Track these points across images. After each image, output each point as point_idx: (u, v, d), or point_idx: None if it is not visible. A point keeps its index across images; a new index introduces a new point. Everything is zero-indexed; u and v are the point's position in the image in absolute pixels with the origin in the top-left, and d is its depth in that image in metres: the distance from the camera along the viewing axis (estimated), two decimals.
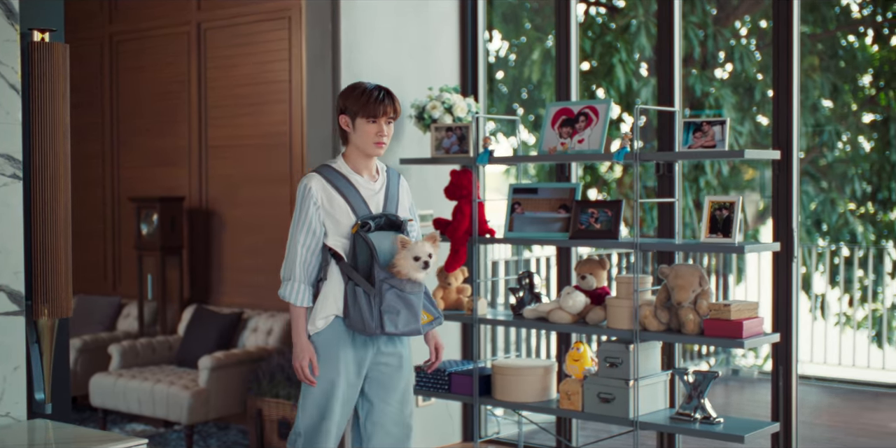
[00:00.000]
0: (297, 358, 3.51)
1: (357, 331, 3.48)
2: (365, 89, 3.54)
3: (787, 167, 4.63)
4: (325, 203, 3.50)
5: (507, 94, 10.18)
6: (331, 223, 3.51)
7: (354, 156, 3.58)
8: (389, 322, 3.44)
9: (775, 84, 4.68)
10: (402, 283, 3.45)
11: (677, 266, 4.38)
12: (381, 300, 3.43)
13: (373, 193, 3.58)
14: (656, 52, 5.07)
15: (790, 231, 4.63)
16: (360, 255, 3.47)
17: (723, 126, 4.33)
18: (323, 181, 3.52)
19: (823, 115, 9.52)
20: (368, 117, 3.50)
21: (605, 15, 9.43)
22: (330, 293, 3.51)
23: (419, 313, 3.51)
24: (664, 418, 4.45)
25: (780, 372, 4.68)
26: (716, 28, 8.81)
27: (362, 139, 3.52)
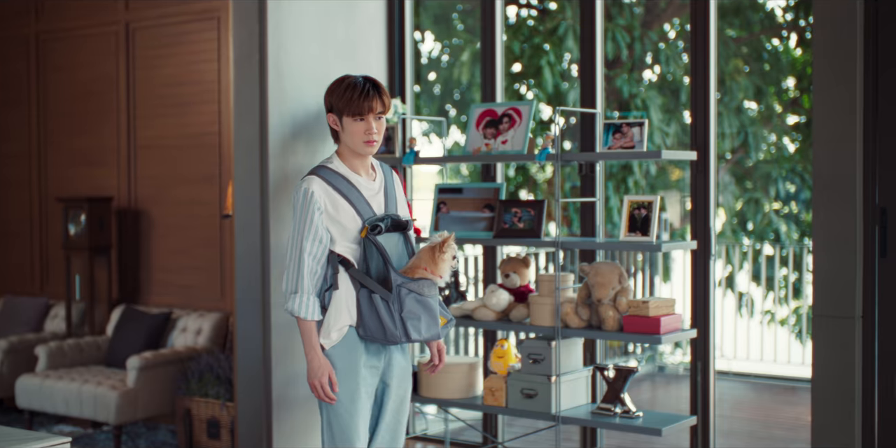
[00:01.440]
0: (315, 375, 3.30)
1: (376, 341, 3.32)
2: (349, 85, 3.31)
3: (705, 168, 4.75)
4: (328, 207, 3.30)
5: (439, 95, 10.25)
6: (336, 229, 3.32)
7: (348, 155, 3.39)
8: (413, 328, 3.28)
9: (693, 86, 4.81)
10: (421, 286, 3.30)
11: (597, 264, 4.48)
12: (401, 306, 3.27)
13: (374, 193, 3.40)
14: (580, 54, 5.17)
15: (707, 230, 4.75)
16: (372, 260, 3.30)
17: (641, 127, 4.45)
18: (324, 184, 3.31)
19: (748, 117, 9.73)
20: (355, 115, 3.29)
21: (536, 17, 9.54)
22: (342, 302, 3.32)
23: (437, 317, 3.36)
24: (586, 413, 4.55)
25: (698, 367, 4.80)
26: (643, 31, 8.97)
27: (352, 139, 3.32)
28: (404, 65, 5.76)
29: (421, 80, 10.08)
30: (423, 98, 10.13)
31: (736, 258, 9.12)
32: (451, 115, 10.00)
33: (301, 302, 3.29)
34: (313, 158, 5.30)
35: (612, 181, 8.63)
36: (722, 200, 10.22)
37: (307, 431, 5.31)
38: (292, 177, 5.22)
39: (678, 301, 7.65)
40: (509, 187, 9.50)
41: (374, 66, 5.67)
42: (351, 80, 3.32)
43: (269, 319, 5.13)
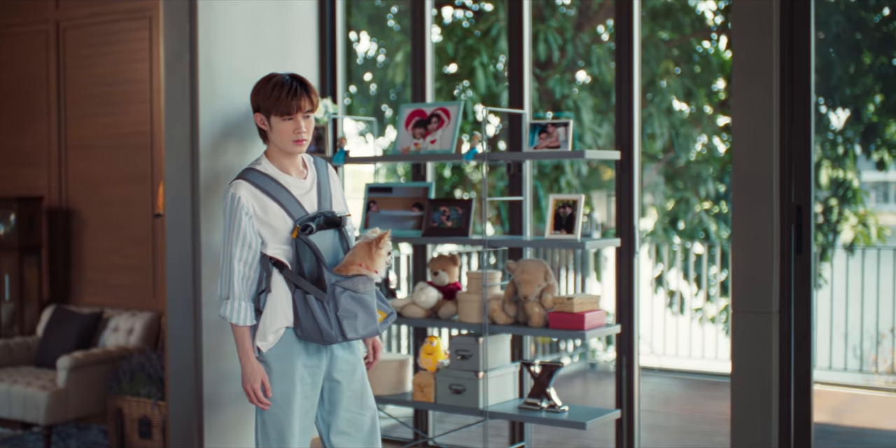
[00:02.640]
0: (248, 380, 3.29)
1: (313, 341, 3.28)
2: (276, 83, 3.27)
3: (629, 167, 4.86)
4: (257, 211, 3.26)
5: (375, 95, 10.30)
6: (267, 232, 3.28)
7: (277, 154, 3.33)
8: (349, 327, 3.24)
9: (617, 87, 4.91)
10: (356, 283, 3.26)
11: (523, 262, 4.57)
12: (336, 305, 3.23)
13: (305, 192, 3.35)
14: (509, 56, 5.26)
15: (631, 227, 4.86)
16: (305, 260, 3.26)
17: (566, 127, 4.54)
18: (252, 188, 3.27)
19: (679, 118, 9.89)
20: (283, 115, 3.24)
21: (471, 18, 9.63)
22: (278, 305, 3.29)
23: (375, 313, 3.33)
24: (513, 407, 4.64)
25: (623, 362, 4.91)
26: (575, 33, 9.09)
27: (280, 138, 3.27)
28: (335, 65, 5.81)
29: (357, 81, 10.12)
30: (359, 98, 10.17)
31: (666, 257, 9.28)
32: (388, 116, 10.05)
33: (233, 308, 3.27)
34: (244, 158, 5.33)
35: (545, 181, 8.74)
36: (653, 200, 10.40)
37: (238, 429, 5.33)
38: (223, 176, 5.24)
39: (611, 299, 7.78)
40: (445, 187, 9.57)
41: (306, 66, 5.71)
42: (277, 78, 3.28)
43: (200, 318, 5.15)
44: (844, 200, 10.25)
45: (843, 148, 10.25)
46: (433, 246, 5.71)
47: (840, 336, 7.96)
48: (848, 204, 10.26)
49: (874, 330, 8.11)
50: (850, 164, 10.39)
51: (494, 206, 8.70)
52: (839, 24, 9.24)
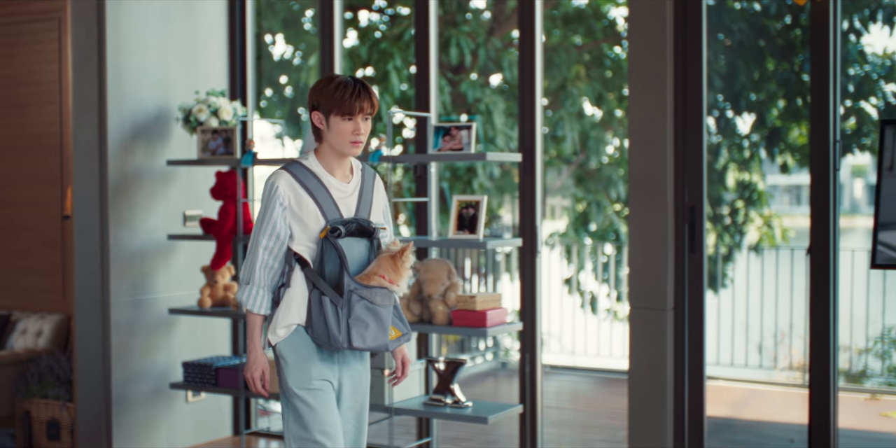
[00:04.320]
0: (250, 368, 3.28)
1: (320, 344, 3.22)
2: (339, 84, 3.21)
3: (532, 169, 5.00)
4: (292, 204, 3.21)
5: (291, 98, 10.33)
6: (298, 226, 3.23)
7: (328, 154, 3.27)
8: (357, 335, 3.17)
9: (520, 92, 5.05)
10: (374, 294, 3.19)
11: (428, 261, 4.68)
12: (349, 311, 3.17)
13: (345, 196, 3.28)
14: (416, 59, 5.36)
15: (534, 228, 5.00)
16: (329, 262, 3.20)
17: (469, 130, 4.66)
18: (292, 180, 3.21)
19: (590, 122, 10.10)
20: (344, 115, 3.19)
21: (387, 22, 9.72)
22: (293, 301, 3.24)
23: (388, 328, 3.25)
24: (418, 404, 4.73)
25: (526, 358, 5.04)
26: (488, 37, 9.23)
27: (338, 138, 3.21)
28: (245, 67, 5.86)
29: (273, 83, 10.15)
30: (276, 101, 10.20)
31: (576, 257, 9.47)
32: (304, 118, 10.10)
33: (250, 293, 3.24)
34: (153, 160, 5.36)
35: (458, 183, 8.87)
36: (566, 202, 10.59)
37: (147, 430, 5.36)
38: (132, 178, 5.27)
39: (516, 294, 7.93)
40: None
41: (216, 68, 5.76)
42: (340, 79, 3.23)
43: (109, 319, 5.18)
44: (750, 202, 10.56)
45: (749, 152, 10.56)
46: None
47: (744, 333, 8.21)
48: (753, 206, 10.56)
49: (776, 328, 8.38)
50: (755, 168, 10.70)
51: (404, 207, 8.80)
52: (743, 31, 9.52)
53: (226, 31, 5.82)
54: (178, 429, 5.52)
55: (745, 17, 9.53)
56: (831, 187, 4.40)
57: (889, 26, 8.83)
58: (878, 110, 9.27)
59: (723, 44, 9.68)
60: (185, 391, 5.50)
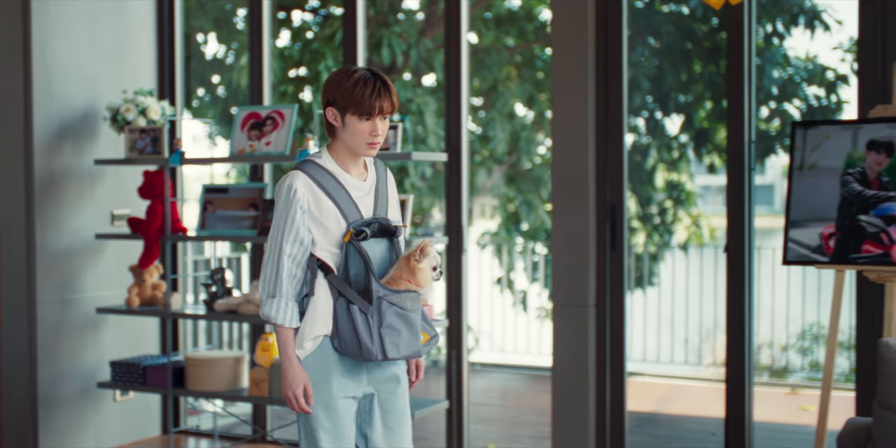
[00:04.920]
0: (290, 386, 3.00)
1: (351, 355, 3.00)
2: (359, 80, 2.97)
3: (458, 168, 5.08)
4: (311, 207, 2.99)
5: (224, 98, 10.32)
6: (318, 230, 3.01)
7: (342, 152, 3.06)
8: (391, 345, 2.97)
9: (446, 92, 5.12)
10: (404, 299, 2.99)
11: None
12: (380, 320, 2.97)
13: (363, 195, 3.08)
14: (343, 60, 5.41)
15: (460, 227, 5.08)
16: (354, 267, 3.00)
17: (396, 130, 4.73)
18: (309, 181, 3.00)
19: (521, 123, 10.22)
20: (362, 115, 2.96)
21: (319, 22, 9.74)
22: (318, 310, 3.01)
23: (419, 333, 3.05)
24: None
25: (452, 356, 5.12)
26: (420, 38, 9.31)
27: (353, 139, 2.99)
28: (174, 66, 5.87)
29: (205, 83, 10.13)
30: (208, 100, 10.18)
31: (506, 256, 9.58)
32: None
33: (279, 307, 3.00)
34: (80, 159, 5.36)
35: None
36: (497, 202, 10.70)
37: (75, 429, 5.36)
38: (59, 177, 5.26)
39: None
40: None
41: (144, 67, 5.76)
42: (360, 74, 2.99)
43: (35, 319, 5.16)
44: (679, 202, 10.76)
45: (677, 152, 10.76)
46: None
47: (671, 330, 8.37)
48: (682, 205, 10.77)
49: (701, 324, 8.56)
50: (683, 168, 10.91)
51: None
52: (671, 34, 9.70)
53: (154, 31, 5.82)
54: (106, 428, 5.52)
55: (672, 20, 9.71)
56: (746, 187, 4.54)
57: (810, 30, 9.06)
58: (801, 112, 9.50)
59: (651, 46, 9.86)
60: (112, 390, 5.50)
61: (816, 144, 4.02)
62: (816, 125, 4.06)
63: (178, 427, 5.79)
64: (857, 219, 3.88)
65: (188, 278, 6.18)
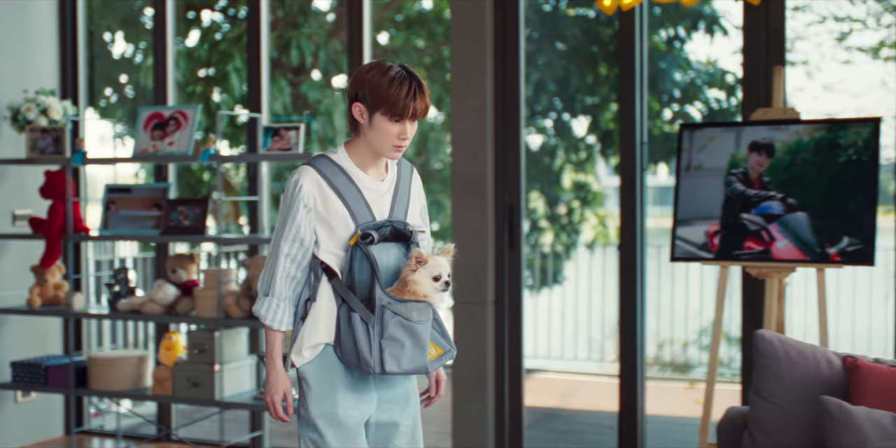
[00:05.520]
0: (269, 391, 2.83)
1: (350, 366, 2.78)
2: (395, 78, 2.76)
3: None
4: (318, 206, 2.78)
5: (132, 98, 10.25)
6: (324, 231, 2.80)
7: (362, 150, 2.83)
8: (391, 358, 2.73)
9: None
10: (409, 309, 2.75)
11: (257, 258, 4.79)
12: (381, 330, 2.73)
13: (378, 195, 2.85)
14: (248, 61, 5.45)
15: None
16: (359, 272, 2.77)
17: (298, 131, 4.79)
18: (318, 178, 2.79)
19: (430, 124, 10.32)
20: (393, 116, 2.75)
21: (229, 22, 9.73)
22: (321, 317, 2.81)
23: (427, 346, 2.79)
24: (249, 398, 4.84)
25: None
26: (329, 40, 9.35)
27: (379, 140, 2.78)
28: (77, 66, 5.85)
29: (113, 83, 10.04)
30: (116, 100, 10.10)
31: None
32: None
33: (269, 307, 2.82)
34: None
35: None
36: None
37: None
38: None
39: None
40: (203, 190, 9.64)
41: (46, 67, 5.73)
42: (395, 72, 2.77)
43: None
44: (586, 202, 10.98)
45: (584, 153, 10.98)
46: (173, 244, 5.84)
47: (574, 327, 8.55)
48: (589, 205, 10.99)
49: (607, 322, 8.75)
50: (590, 169, 11.13)
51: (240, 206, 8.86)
52: (577, 37, 9.90)
53: (57, 30, 5.79)
54: (8, 429, 5.48)
55: (578, 24, 9.90)
56: (638, 186, 4.69)
57: (710, 35, 9.32)
58: (703, 114, 9.76)
59: (558, 49, 10.04)
60: (14, 391, 5.47)
61: (702, 146, 4.18)
62: (702, 127, 4.23)
63: (81, 427, 5.78)
64: (740, 217, 4.05)
65: (90, 278, 6.16)
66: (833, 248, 3.87)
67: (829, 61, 9.52)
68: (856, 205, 3.85)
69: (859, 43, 8.88)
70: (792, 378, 3.30)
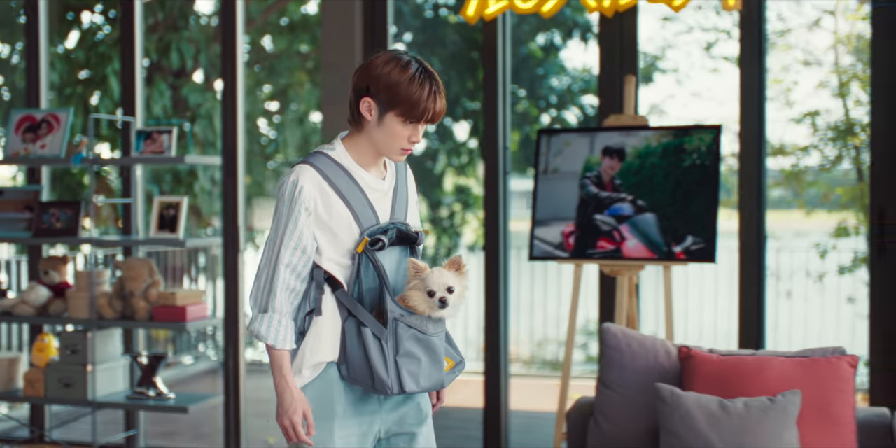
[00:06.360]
0: (286, 413, 2.51)
1: (361, 385, 2.54)
2: (415, 77, 2.52)
3: (234, 171, 5.25)
4: (319, 209, 2.53)
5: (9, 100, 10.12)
6: (325, 237, 2.54)
7: (364, 147, 2.60)
8: (409, 376, 2.51)
9: (224, 96, 5.28)
10: (424, 321, 2.53)
11: (129, 259, 4.86)
12: (396, 345, 2.51)
13: (381, 196, 2.62)
14: (121, 64, 5.50)
15: (236, 227, 5.25)
16: (367, 281, 2.53)
17: (170, 134, 4.88)
18: (319, 178, 2.53)
19: (313, 127, 10.43)
20: (409, 118, 2.53)
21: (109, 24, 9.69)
22: (324, 332, 2.55)
23: (443, 360, 2.58)
24: (123, 397, 4.90)
25: (229, 353, 5.29)
26: (210, 43, 9.39)
27: (387, 141, 2.56)
28: None
29: None
30: None
31: None
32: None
33: (270, 325, 2.52)
34: None
35: (180, 187, 8.98)
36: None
37: None
38: None
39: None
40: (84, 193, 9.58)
41: None
42: (415, 70, 2.53)
43: None
44: (467, 206, 11.20)
45: (466, 157, 11.20)
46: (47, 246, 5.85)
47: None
48: (470, 209, 11.21)
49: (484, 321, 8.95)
50: (471, 172, 11.36)
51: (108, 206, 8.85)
52: (456, 43, 10.12)
53: None
54: None
55: (458, 30, 10.12)
56: (501, 190, 4.90)
57: (584, 43, 9.63)
58: (578, 120, 10.07)
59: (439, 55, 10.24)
60: None
61: (558, 150, 4.40)
62: (558, 133, 4.45)
63: None
64: (594, 218, 4.28)
65: None
66: (678, 247, 4.11)
67: (697, 70, 9.93)
68: (699, 206, 4.10)
69: (724, 52, 9.28)
70: (634, 368, 3.52)
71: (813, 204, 9.22)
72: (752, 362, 3.35)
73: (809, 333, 7.96)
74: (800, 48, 9.15)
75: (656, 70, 9.87)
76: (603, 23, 4.71)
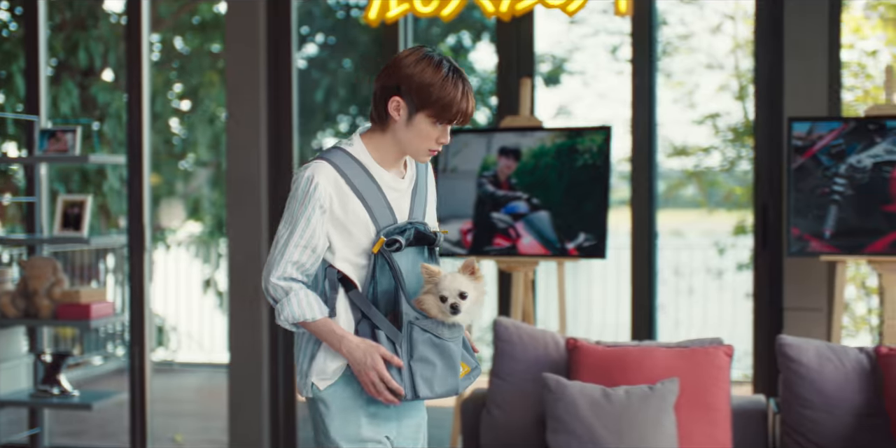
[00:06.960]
0: (366, 367, 2.44)
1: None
2: (449, 77, 2.45)
3: (139, 171, 5.28)
4: (334, 207, 2.46)
5: None
6: (340, 237, 2.48)
7: (386, 146, 2.53)
8: (423, 382, 2.46)
9: (129, 96, 5.31)
10: (439, 325, 2.47)
11: (33, 258, 4.88)
12: (410, 350, 2.45)
13: (400, 195, 2.55)
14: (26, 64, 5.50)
15: (142, 226, 5.28)
16: (382, 283, 2.48)
17: (74, 133, 4.91)
18: (335, 175, 2.47)
19: (221, 127, 10.43)
20: (440, 119, 2.46)
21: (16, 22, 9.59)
22: None
23: (458, 366, 2.52)
24: (26, 395, 4.92)
25: (135, 352, 5.32)
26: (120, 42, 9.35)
27: (414, 141, 2.50)
28: None
29: None
30: None
31: (213, 258, 9.79)
32: None
33: (299, 302, 2.46)
34: None
35: (89, 186, 8.93)
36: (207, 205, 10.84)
37: None
38: None
39: (158, 296, 8.17)
40: None
41: None
42: (447, 69, 2.46)
43: None
44: None
45: None
46: None
47: None
48: None
49: None
50: None
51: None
52: (367, 44, 10.22)
53: None
54: None
55: (369, 32, 10.21)
56: None
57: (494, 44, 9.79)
58: (488, 120, 10.22)
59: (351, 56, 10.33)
60: None
61: (457, 150, 4.53)
62: (457, 133, 4.58)
63: None
64: (490, 216, 4.42)
65: None
66: (571, 244, 4.28)
67: (603, 72, 10.15)
68: (591, 205, 4.27)
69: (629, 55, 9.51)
70: (524, 359, 3.67)
71: (715, 203, 9.53)
72: (636, 352, 3.52)
73: (708, 328, 8.23)
74: (702, 52, 9.45)
75: (563, 72, 10.07)
76: (500, 27, 4.85)
